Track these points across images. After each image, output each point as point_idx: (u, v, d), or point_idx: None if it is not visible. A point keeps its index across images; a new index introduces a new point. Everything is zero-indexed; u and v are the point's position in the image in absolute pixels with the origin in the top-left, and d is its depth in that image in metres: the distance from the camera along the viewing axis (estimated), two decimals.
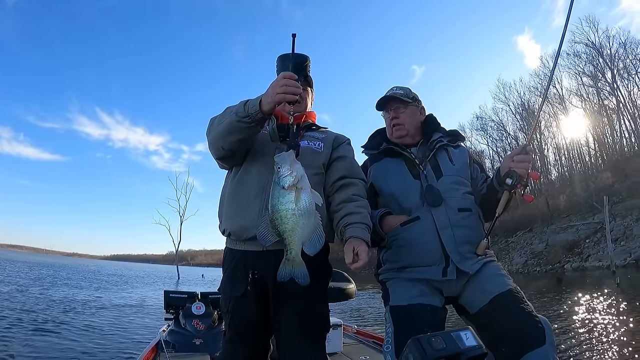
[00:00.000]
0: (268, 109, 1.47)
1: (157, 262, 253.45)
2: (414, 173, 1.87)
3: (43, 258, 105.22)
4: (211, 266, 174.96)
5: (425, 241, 1.73)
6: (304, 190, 1.32)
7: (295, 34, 1.56)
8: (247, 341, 1.64)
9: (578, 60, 37.08)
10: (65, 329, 7.60)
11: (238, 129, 1.52)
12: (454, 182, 1.85)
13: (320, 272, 1.62)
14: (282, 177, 1.31)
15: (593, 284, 14.88)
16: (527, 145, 1.82)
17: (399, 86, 2.09)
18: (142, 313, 10.81)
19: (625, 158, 32.04)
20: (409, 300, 1.68)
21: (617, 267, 18.17)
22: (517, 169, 1.66)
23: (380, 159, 2.00)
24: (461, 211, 1.78)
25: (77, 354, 5.81)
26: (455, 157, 1.94)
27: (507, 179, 1.67)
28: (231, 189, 1.70)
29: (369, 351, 3.64)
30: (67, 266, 48.71)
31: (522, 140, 41.36)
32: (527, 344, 1.45)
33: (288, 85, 1.43)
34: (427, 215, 1.76)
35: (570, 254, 24.39)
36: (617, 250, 20.78)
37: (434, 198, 1.77)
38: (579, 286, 14.52)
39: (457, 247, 1.71)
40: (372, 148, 2.08)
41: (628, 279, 14.97)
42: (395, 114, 1.99)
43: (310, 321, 1.59)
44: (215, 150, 1.66)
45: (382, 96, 2.04)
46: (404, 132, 1.98)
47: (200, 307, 4.28)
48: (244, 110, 1.49)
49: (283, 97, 1.43)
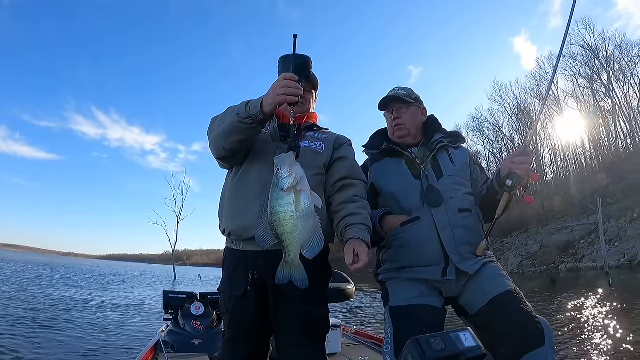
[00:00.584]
0: (269, 110, 1.47)
1: (154, 261, 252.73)
2: (414, 173, 1.87)
3: (39, 257, 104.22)
4: (207, 266, 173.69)
5: (425, 241, 1.73)
6: (303, 192, 1.30)
7: (296, 34, 1.54)
8: (246, 341, 1.63)
9: (574, 62, 37.40)
10: (64, 329, 7.59)
11: (239, 129, 1.52)
12: (454, 183, 1.85)
13: (320, 273, 1.63)
14: (281, 179, 1.29)
15: (586, 284, 14.98)
16: (527, 147, 1.81)
17: (401, 86, 2.08)
18: (141, 313, 10.77)
19: (621, 160, 32.27)
20: (408, 301, 1.68)
21: (610, 267, 18.27)
22: (517, 170, 1.67)
23: (381, 159, 1.99)
24: (461, 212, 1.78)
25: (75, 354, 5.79)
26: (456, 157, 1.94)
27: (507, 181, 1.67)
28: (231, 189, 1.69)
29: (368, 352, 3.64)
30: (64, 266, 48.22)
31: (518, 142, 41.58)
32: (527, 345, 1.45)
33: (289, 87, 1.42)
34: (427, 216, 1.76)
35: (565, 255, 24.53)
36: (611, 251, 20.93)
37: (435, 198, 1.77)
38: (572, 287, 14.63)
39: (457, 248, 1.71)
40: (373, 148, 2.07)
41: (621, 280, 15.13)
42: (397, 114, 1.98)
43: (310, 322, 1.58)
44: (216, 150, 1.66)
45: (385, 96, 2.04)
46: (405, 132, 1.98)
47: (199, 308, 4.26)
48: (245, 111, 1.48)
49: (284, 98, 1.43)
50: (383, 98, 2.04)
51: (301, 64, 1.65)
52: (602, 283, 14.28)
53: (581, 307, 9.39)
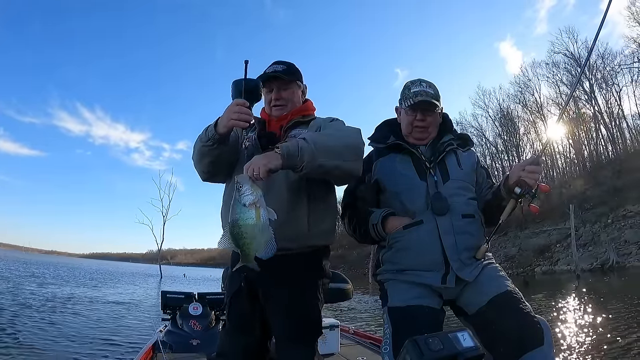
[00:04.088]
0: (223, 132, 1.55)
1: (137, 260, 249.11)
2: (420, 174, 1.81)
3: (22, 255, 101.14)
4: (192, 265, 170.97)
5: (426, 246, 1.69)
6: (262, 208, 1.40)
7: (247, 60, 1.60)
8: (240, 332, 1.73)
9: (556, 70, 38.43)
10: (60, 329, 7.49)
11: (205, 152, 1.64)
12: (460, 187, 1.80)
13: (309, 273, 1.69)
14: (243, 196, 1.38)
15: (556, 287, 15.54)
16: (539, 157, 1.79)
17: (426, 81, 1.92)
18: (139, 312, 10.65)
19: (599, 166, 33.23)
20: (407, 302, 1.66)
21: (583, 271, 18.98)
22: (527, 179, 1.65)
23: (387, 154, 1.91)
24: (465, 217, 1.74)
25: (73, 354, 5.69)
26: (463, 160, 1.88)
27: (516, 188, 1.66)
28: (224, 198, 1.81)
29: (366, 352, 3.67)
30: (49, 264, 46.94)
31: (501, 146, 42.46)
32: (526, 344, 1.44)
33: (240, 113, 1.50)
34: (430, 220, 1.71)
35: (541, 258, 25.33)
36: (585, 254, 21.73)
37: (441, 206, 1.72)
38: (542, 289, 15.12)
39: (458, 254, 1.68)
40: (379, 141, 1.98)
41: (589, 283, 15.82)
42: (423, 116, 1.85)
43: (297, 322, 1.63)
44: (199, 173, 1.80)
45: (419, 99, 1.82)
46: (425, 136, 1.90)
47: (198, 308, 4.24)
48: (205, 135, 1.60)
49: (235, 123, 1.51)
50: (417, 100, 1.82)
51: (251, 89, 1.66)
52: (570, 286, 15.00)
53: (546, 308, 9.88)
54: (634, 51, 31.58)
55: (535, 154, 7.35)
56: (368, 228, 1.83)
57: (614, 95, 35.61)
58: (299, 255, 1.66)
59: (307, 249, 1.68)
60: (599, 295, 11.71)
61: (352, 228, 1.93)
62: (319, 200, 1.71)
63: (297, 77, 1.87)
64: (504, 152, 43.12)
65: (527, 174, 1.65)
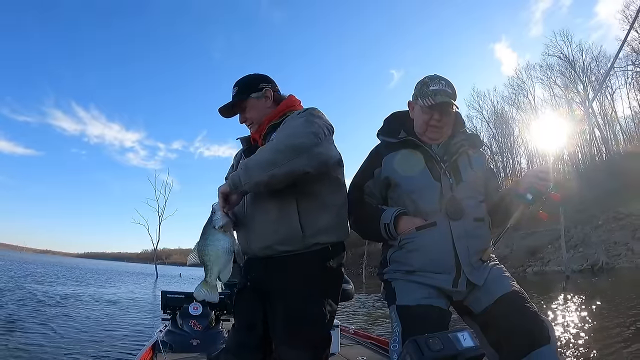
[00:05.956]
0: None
1: (132, 260, 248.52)
2: (434, 174, 1.77)
3: (19, 255, 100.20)
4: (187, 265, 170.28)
5: (439, 249, 1.68)
6: (229, 233, 1.61)
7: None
8: (247, 329, 1.76)
9: (550, 72, 38.67)
10: (59, 328, 7.47)
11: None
12: (472, 190, 1.78)
13: (310, 273, 1.66)
14: (215, 220, 1.58)
15: (545, 287, 15.79)
16: (551, 165, 1.84)
17: (444, 79, 1.83)
18: (138, 312, 10.64)
19: (592, 168, 33.52)
20: (417, 301, 1.65)
21: (573, 272, 19.18)
22: (538, 186, 1.69)
23: (397, 149, 1.85)
24: (476, 221, 1.73)
25: (73, 354, 5.71)
26: (474, 162, 1.85)
27: (528, 194, 1.69)
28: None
29: (366, 352, 3.70)
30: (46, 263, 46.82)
31: (495, 148, 42.77)
32: (534, 342, 1.45)
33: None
34: (444, 222, 1.69)
35: (533, 259, 25.62)
36: (576, 256, 22.01)
37: (456, 210, 1.70)
38: (531, 289, 15.15)
39: (470, 258, 1.67)
40: (389, 135, 1.92)
41: (577, 284, 16.09)
42: (440, 117, 1.79)
43: (296, 323, 1.61)
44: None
45: (439, 100, 1.75)
46: (439, 135, 1.84)
47: (198, 308, 4.23)
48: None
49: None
50: (437, 101, 1.75)
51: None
52: (558, 286, 15.22)
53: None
54: (628, 54, 31.83)
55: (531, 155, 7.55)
56: (378, 226, 1.78)
57: (608, 97, 35.89)
58: (298, 256, 1.65)
59: (306, 249, 1.65)
60: (584, 295, 11.95)
61: (358, 224, 1.89)
62: (311, 198, 1.67)
63: (249, 93, 1.83)
64: (498, 154, 43.41)
65: (540, 182, 1.70)
